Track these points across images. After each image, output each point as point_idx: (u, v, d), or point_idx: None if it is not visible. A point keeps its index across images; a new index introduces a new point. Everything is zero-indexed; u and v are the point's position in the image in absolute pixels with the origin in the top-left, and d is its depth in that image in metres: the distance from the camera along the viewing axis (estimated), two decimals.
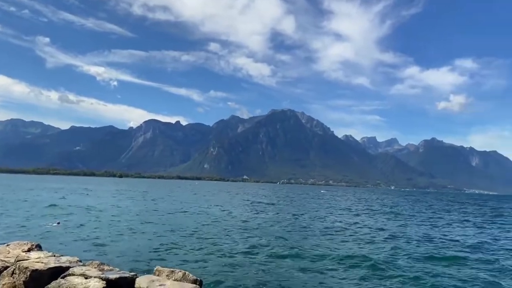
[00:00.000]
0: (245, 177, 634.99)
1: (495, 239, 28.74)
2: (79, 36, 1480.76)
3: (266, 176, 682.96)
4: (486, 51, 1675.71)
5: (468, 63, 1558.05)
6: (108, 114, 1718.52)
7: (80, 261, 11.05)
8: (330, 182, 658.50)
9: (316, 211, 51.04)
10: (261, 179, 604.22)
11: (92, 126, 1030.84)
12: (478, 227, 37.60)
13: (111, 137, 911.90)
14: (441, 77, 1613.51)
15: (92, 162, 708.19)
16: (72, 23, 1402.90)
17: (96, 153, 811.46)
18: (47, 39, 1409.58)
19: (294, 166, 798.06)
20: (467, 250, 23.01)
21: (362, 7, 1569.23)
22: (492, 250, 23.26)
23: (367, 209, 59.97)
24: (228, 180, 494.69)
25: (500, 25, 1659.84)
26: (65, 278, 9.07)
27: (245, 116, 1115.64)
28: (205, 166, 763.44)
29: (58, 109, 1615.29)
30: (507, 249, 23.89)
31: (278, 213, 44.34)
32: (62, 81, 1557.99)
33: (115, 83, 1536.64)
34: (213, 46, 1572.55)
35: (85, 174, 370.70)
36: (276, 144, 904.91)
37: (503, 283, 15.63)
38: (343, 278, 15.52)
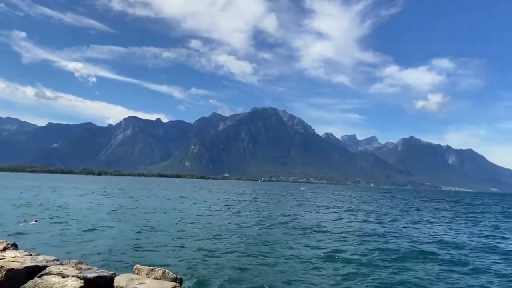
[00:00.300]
0: (226, 175, 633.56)
1: (468, 236, 29.63)
2: (56, 31, 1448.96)
3: (247, 174, 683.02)
4: (462, 51, 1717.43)
5: (445, 63, 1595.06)
6: (86, 111, 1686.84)
7: (57, 260, 10.97)
8: (311, 180, 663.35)
9: (294, 208, 51.43)
10: (242, 177, 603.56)
11: (70, 123, 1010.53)
12: (452, 224, 38.62)
13: (90, 134, 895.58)
14: (419, 77, 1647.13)
15: (70, 160, 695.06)
16: (49, 18, 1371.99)
17: (74, 150, 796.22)
18: (23, 34, 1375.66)
19: (275, 164, 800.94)
20: (441, 247, 23.63)
21: (343, 6, 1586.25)
22: (464, 247, 23.94)
23: (344, 206, 60.73)
24: (209, 178, 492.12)
25: (475, 26, 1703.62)
26: (42, 277, 9.02)
27: (227, 114, 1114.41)
28: (186, 164, 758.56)
29: (35, 105, 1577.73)
30: (478, 246, 24.68)
31: (257, 211, 44.51)
32: (38, 76, 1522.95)
33: (94, 79, 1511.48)
34: (194, 43, 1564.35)
35: (63, 172, 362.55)
36: (258, 142, 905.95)
37: (471, 280, 16.20)
38: (318, 275, 15.75)
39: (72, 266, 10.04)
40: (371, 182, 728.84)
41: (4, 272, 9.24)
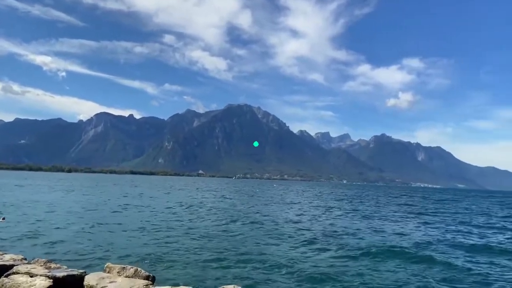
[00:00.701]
0: (200, 172, 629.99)
1: (434, 231, 30.66)
2: (23, 23, 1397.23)
3: (221, 171, 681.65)
4: (431, 51, 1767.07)
5: (415, 63, 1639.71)
6: (55, 106, 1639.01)
7: (25, 259, 10.75)
8: (285, 177, 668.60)
9: (267, 205, 51.78)
10: (217, 174, 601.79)
11: (39, 118, 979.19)
12: (418, 220, 39.82)
13: (59, 130, 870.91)
14: (391, 75, 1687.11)
15: (39, 157, 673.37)
16: (16, 10, 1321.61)
17: (43, 147, 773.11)
18: None
19: (250, 161, 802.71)
20: (408, 242, 24.40)
21: (318, 5, 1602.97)
22: (430, 242, 24.75)
23: (316, 203, 61.64)
24: (183, 175, 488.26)
25: (445, 27, 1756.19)
26: (9, 276, 8.85)
27: (201, 111, 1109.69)
28: (160, 160, 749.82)
29: (1, 100, 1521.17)
30: (442, 240, 25.57)
31: (229, 208, 44.60)
32: (5, 70, 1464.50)
33: (64, 73, 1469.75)
34: (167, 38, 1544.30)
35: (31, 169, 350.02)
36: (232, 139, 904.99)
37: (436, 274, 16.83)
38: (287, 272, 15.99)
39: (41, 265, 9.84)
40: (344, 178, 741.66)
41: None
